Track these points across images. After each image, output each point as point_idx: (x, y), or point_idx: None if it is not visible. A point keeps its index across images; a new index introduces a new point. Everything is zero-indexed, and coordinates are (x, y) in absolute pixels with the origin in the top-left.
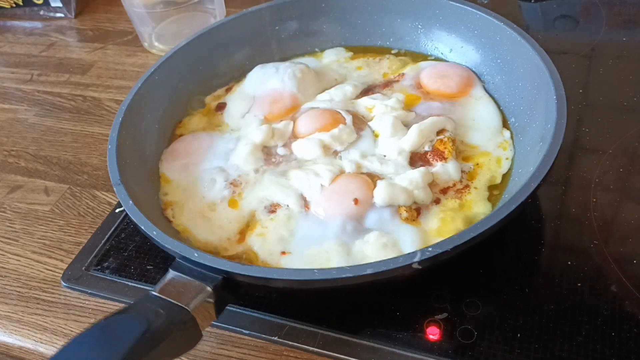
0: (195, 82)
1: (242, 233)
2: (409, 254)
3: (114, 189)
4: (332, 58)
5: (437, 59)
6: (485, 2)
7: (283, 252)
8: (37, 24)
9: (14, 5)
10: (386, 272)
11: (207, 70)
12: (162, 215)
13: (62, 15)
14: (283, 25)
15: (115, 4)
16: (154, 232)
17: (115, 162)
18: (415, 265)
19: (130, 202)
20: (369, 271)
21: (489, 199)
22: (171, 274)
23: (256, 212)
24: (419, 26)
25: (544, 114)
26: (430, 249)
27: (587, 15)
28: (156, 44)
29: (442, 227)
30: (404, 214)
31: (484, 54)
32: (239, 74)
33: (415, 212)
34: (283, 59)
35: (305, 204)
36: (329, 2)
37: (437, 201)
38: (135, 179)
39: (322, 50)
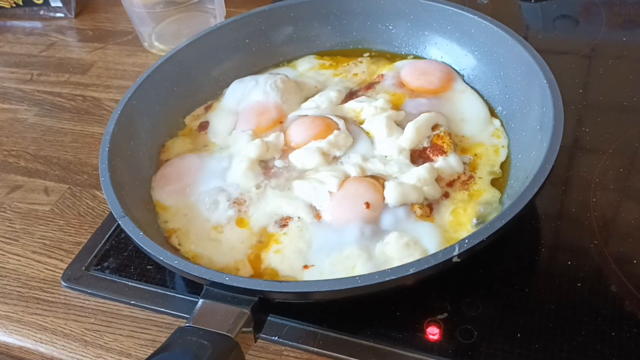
0: (174, 103)
1: (257, 251)
2: (447, 248)
3: (119, 222)
4: (307, 66)
5: (413, 57)
6: (485, 2)
7: (305, 266)
8: (37, 24)
9: (14, 5)
10: (428, 269)
11: (183, 89)
12: (167, 244)
13: (62, 15)
14: (276, 30)
15: (115, 4)
16: (176, 262)
17: (113, 193)
18: (455, 259)
19: (141, 233)
20: (412, 271)
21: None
22: (202, 302)
23: (267, 228)
24: (390, 27)
25: (536, 99)
26: (466, 240)
27: (587, 15)
28: (156, 44)
29: (456, 219)
30: (418, 211)
31: (459, 48)
32: (216, 91)
33: (428, 208)
34: (275, 65)
35: (316, 213)
36: (326, 6)
37: (446, 195)
38: (135, 209)
39: (295, 59)
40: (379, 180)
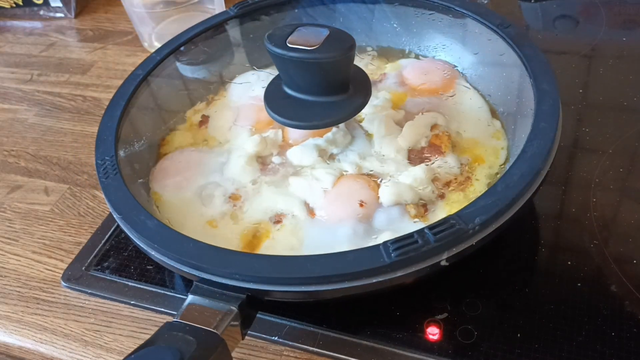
0: (174, 98)
1: (250, 247)
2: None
3: (117, 220)
4: None
5: (415, 55)
6: (485, 2)
7: None
8: (37, 24)
9: (14, 5)
10: (415, 272)
11: (184, 84)
12: None
13: (62, 15)
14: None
15: (115, 4)
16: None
17: None
18: (443, 262)
19: None
20: (399, 274)
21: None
22: (191, 298)
23: (261, 224)
24: (394, 24)
25: (534, 97)
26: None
27: (587, 15)
28: (156, 44)
29: None
30: (412, 211)
31: (462, 48)
32: (218, 86)
33: (422, 208)
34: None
35: (310, 210)
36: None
37: (441, 196)
38: None
39: None
40: (374, 179)
